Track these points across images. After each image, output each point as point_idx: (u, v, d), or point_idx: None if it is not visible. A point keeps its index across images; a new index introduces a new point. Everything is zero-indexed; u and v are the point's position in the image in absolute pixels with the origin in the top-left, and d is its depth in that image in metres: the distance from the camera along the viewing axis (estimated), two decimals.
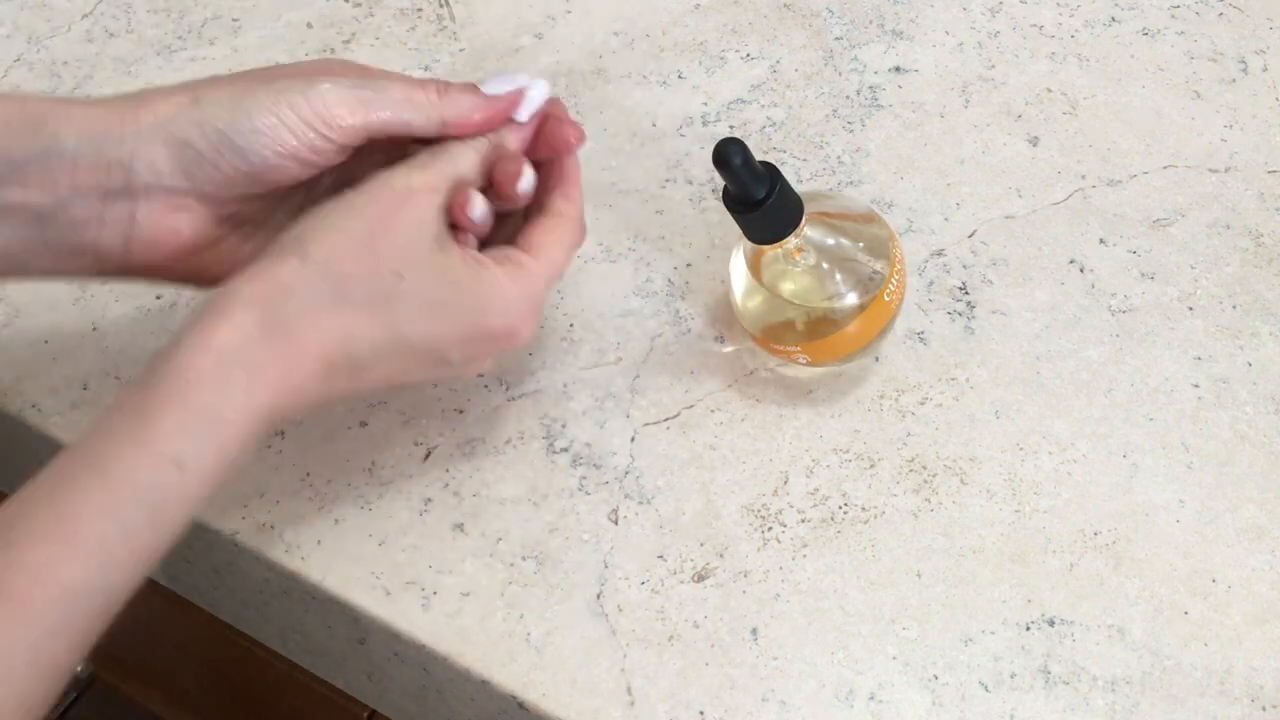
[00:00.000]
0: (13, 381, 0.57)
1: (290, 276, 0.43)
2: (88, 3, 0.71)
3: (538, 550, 0.52)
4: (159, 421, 0.40)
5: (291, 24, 0.70)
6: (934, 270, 0.60)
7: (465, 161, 0.47)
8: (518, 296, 0.46)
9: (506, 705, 0.50)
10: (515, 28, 0.70)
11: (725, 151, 0.48)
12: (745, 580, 0.51)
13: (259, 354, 0.42)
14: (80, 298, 0.59)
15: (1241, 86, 0.67)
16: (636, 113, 0.66)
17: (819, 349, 0.53)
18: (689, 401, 0.56)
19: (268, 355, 0.42)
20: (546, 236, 0.48)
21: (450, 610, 0.51)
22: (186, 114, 0.45)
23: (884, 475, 0.54)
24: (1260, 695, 0.49)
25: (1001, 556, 0.52)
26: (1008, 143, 0.64)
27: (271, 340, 0.42)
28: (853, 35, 0.69)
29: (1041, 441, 0.55)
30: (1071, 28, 0.69)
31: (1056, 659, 0.49)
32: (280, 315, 0.42)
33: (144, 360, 0.57)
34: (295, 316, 0.43)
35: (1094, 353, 0.57)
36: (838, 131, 0.65)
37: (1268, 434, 0.55)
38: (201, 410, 0.40)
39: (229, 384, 0.41)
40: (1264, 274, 0.60)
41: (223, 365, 0.41)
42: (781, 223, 0.51)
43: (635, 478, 0.54)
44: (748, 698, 0.48)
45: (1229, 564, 0.52)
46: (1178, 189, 0.63)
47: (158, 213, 0.46)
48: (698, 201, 0.62)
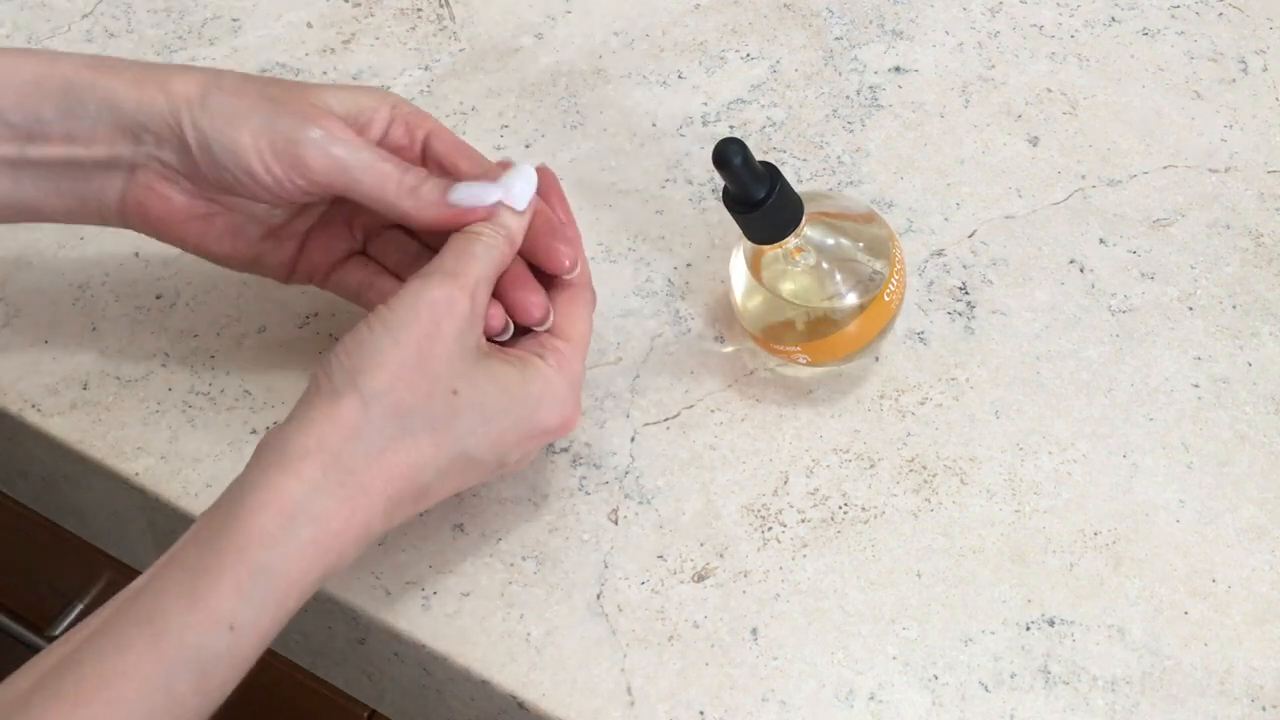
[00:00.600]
0: (13, 381, 0.57)
1: (353, 419, 0.42)
2: (88, 3, 0.71)
3: (538, 550, 0.52)
4: (216, 583, 0.39)
5: (292, 24, 0.70)
6: (934, 270, 0.60)
7: (488, 263, 0.46)
8: (565, 386, 0.47)
9: (506, 705, 0.50)
10: (515, 28, 0.70)
11: (725, 151, 0.48)
12: (745, 580, 0.51)
13: (326, 506, 0.41)
14: (80, 298, 0.59)
15: (1241, 86, 0.67)
16: (636, 113, 0.66)
17: (819, 349, 0.53)
18: (689, 401, 0.56)
19: (335, 506, 0.41)
20: (572, 312, 0.48)
21: (450, 610, 0.51)
22: (188, 107, 0.47)
23: (884, 475, 0.54)
24: (1260, 695, 0.49)
25: (1001, 556, 0.52)
26: (1008, 143, 0.64)
27: (340, 490, 0.41)
28: (853, 35, 0.69)
29: (1041, 441, 0.55)
30: (1071, 28, 0.69)
31: (1056, 659, 0.49)
32: (347, 463, 0.41)
33: (143, 360, 0.57)
34: (363, 462, 0.42)
35: (1094, 353, 0.57)
36: (838, 131, 0.65)
37: (1268, 434, 0.55)
38: (262, 570, 0.39)
39: (293, 541, 0.40)
40: (1264, 274, 0.60)
41: (288, 522, 0.40)
42: (781, 223, 0.51)
43: (635, 478, 0.54)
44: (748, 698, 0.48)
45: (1229, 564, 0.52)
46: (1178, 189, 0.63)
47: (152, 179, 0.48)
48: (698, 201, 0.62)
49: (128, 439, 0.55)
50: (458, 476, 0.45)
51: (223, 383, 0.56)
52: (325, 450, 0.41)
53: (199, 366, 0.57)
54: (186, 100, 0.47)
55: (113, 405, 0.56)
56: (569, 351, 0.47)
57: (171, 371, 0.57)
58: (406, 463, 0.43)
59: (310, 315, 0.58)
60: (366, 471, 0.42)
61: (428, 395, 0.43)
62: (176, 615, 0.38)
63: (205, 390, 0.56)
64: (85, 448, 0.55)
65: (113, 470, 0.54)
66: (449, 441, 0.44)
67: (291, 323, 0.58)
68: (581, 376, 0.48)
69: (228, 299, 0.59)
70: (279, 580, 0.40)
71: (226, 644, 0.39)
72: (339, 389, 0.42)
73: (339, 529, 0.41)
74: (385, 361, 0.42)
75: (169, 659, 0.38)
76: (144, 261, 0.60)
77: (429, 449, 0.43)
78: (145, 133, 0.47)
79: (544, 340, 0.47)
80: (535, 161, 0.49)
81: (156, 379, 0.56)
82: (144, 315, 0.59)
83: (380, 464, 0.42)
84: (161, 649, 0.38)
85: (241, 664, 0.40)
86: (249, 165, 0.47)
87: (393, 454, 0.42)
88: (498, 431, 0.45)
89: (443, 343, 0.43)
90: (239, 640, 0.39)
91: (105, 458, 0.54)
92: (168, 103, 0.47)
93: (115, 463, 0.54)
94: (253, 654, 0.40)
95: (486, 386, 0.44)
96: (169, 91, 0.47)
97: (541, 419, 0.46)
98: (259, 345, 0.57)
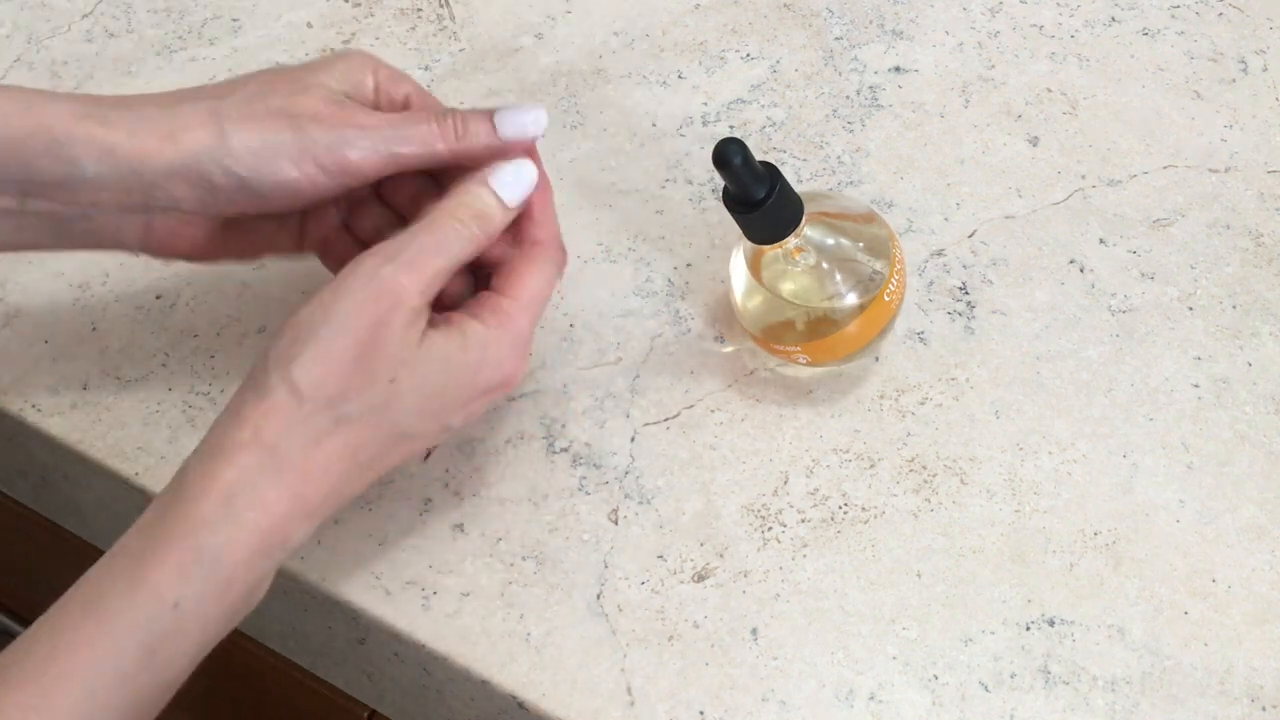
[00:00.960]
0: (13, 381, 0.57)
1: (288, 412, 0.42)
2: (88, 3, 0.71)
3: (538, 550, 0.52)
4: (159, 565, 0.40)
5: (292, 24, 0.70)
6: (934, 270, 0.60)
7: (456, 254, 0.45)
8: (505, 345, 0.46)
9: (506, 705, 0.50)
10: (515, 28, 0.70)
11: (725, 151, 0.48)
12: (745, 580, 0.51)
13: (265, 493, 0.41)
14: (80, 298, 0.59)
15: (1241, 86, 0.67)
16: (636, 113, 0.66)
17: (819, 349, 0.53)
18: (689, 401, 0.56)
19: (275, 494, 0.42)
20: (524, 269, 0.47)
21: (450, 610, 0.51)
22: (210, 152, 0.46)
23: (884, 475, 0.54)
24: (1260, 695, 0.49)
25: (1001, 556, 0.52)
26: (1008, 143, 0.64)
27: (278, 478, 0.42)
28: (853, 35, 0.69)
29: (1041, 441, 0.55)
30: (1071, 28, 0.69)
31: (1056, 659, 0.49)
32: (284, 455, 0.42)
33: (143, 360, 0.57)
34: (300, 453, 0.42)
35: (1094, 353, 0.57)
36: (838, 131, 0.65)
37: (1268, 434, 0.55)
38: (202, 551, 0.40)
39: (233, 525, 0.41)
40: (1264, 274, 0.60)
41: (227, 508, 0.41)
42: (781, 223, 0.51)
43: (635, 478, 0.54)
44: (748, 698, 0.48)
45: (1229, 564, 0.52)
46: (1178, 189, 0.63)
47: (172, 224, 0.48)
48: (698, 201, 0.62)
49: (128, 439, 0.55)
50: (401, 449, 0.45)
51: (223, 383, 0.56)
52: (261, 443, 0.42)
53: (199, 366, 0.57)
54: (205, 149, 0.46)
55: (113, 405, 0.56)
56: (513, 308, 0.46)
57: (171, 371, 0.57)
58: (345, 448, 0.43)
59: None
60: (305, 461, 0.42)
61: (363, 387, 0.43)
62: (121, 596, 0.40)
63: (205, 390, 0.56)
64: (85, 448, 0.55)
65: (113, 470, 0.54)
66: (387, 424, 0.44)
67: None
68: (527, 332, 0.47)
69: (228, 299, 0.59)
70: (221, 562, 0.41)
71: (171, 621, 0.40)
72: (273, 383, 0.42)
73: (281, 514, 0.42)
74: (325, 353, 0.43)
75: (114, 635, 0.39)
76: (144, 261, 0.60)
77: (366, 433, 0.43)
78: (157, 187, 0.46)
79: (484, 300, 0.47)
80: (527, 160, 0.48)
81: (156, 379, 0.57)
82: (144, 315, 0.59)
83: (318, 452, 0.43)
84: (106, 626, 0.39)
85: (189, 647, 0.41)
86: (296, 188, 0.47)
87: (330, 443, 0.43)
88: (438, 405, 0.45)
89: (387, 339, 0.43)
90: (184, 619, 0.40)
91: (105, 458, 0.54)
92: (181, 156, 0.46)
93: (115, 463, 0.54)
94: (200, 637, 0.41)
95: (423, 369, 0.44)
96: (178, 144, 0.46)
97: (481, 380, 0.46)
98: (259, 345, 0.57)
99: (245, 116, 0.46)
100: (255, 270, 0.59)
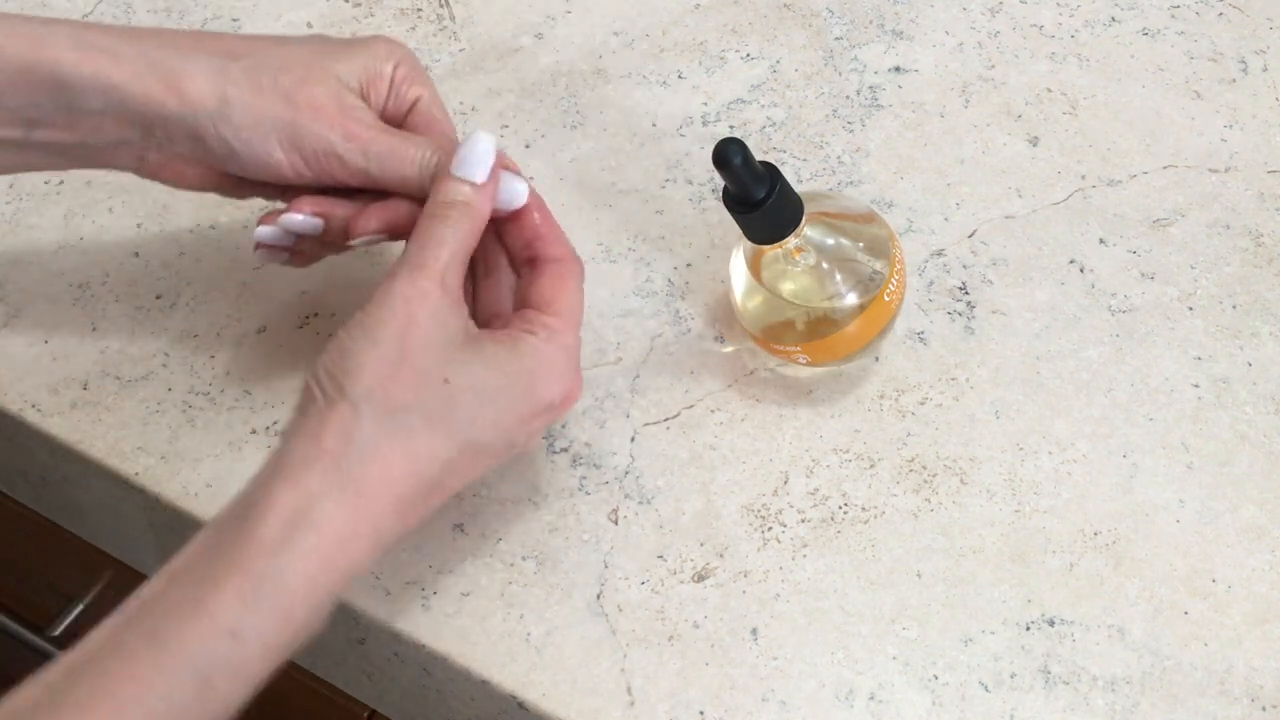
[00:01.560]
0: (13, 381, 0.57)
1: (345, 423, 0.41)
2: (88, 3, 0.71)
3: (538, 550, 0.52)
4: (218, 590, 0.39)
5: (292, 24, 0.70)
6: (934, 270, 0.60)
7: (454, 245, 0.45)
8: (560, 358, 0.46)
9: (506, 705, 0.50)
10: (515, 28, 0.70)
11: (725, 151, 0.48)
12: (745, 580, 0.51)
13: (327, 512, 0.40)
14: (80, 298, 0.59)
15: (1241, 86, 0.67)
16: (636, 113, 0.66)
17: (819, 349, 0.53)
18: (689, 401, 0.56)
19: (336, 512, 0.41)
20: (559, 286, 0.47)
21: (450, 610, 0.51)
22: (209, 114, 0.46)
23: (884, 475, 0.54)
24: (1260, 695, 0.49)
25: (1001, 556, 0.52)
26: (1008, 143, 0.64)
27: (340, 495, 0.41)
28: (853, 35, 0.69)
29: (1041, 441, 0.55)
30: (1071, 28, 0.69)
31: (1056, 659, 0.49)
32: (345, 469, 0.41)
33: (143, 360, 0.57)
34: (360, 466, 0.41)
35: (1094, 353, 0.57)
36: (838, 131, 0.65)
37: (1268, 434, 0.55)
38: (264, 578, 0.39)
39: (295, 549, 0.40)
40: (1264, 274, 0.60)
41: (290, 530, 0.40)
42: (781, 223, 0.51)
43: (635, 478, 0.54)
44: (748, 698, 0.49)
45: (1229, 564, 0.52)
46: (1178, 189, 0.63)
47: (166, 159, 0.49)
48: (698, 201, 0.62)
49: (128, 439, 0.55)
50: (467, 465, 0.44)
51: (223, 383, 0.56)
52: (323, 458, 0.41)
53: (199, 366, 0.57)
54: (204, 108, 0.46)
55: (113, 405, 0.56)
56: (559, 325, 0.46)
57: (171, 371, 0.57)
58: (408, 459, 0.42)
59: (310, 315, 0.58)
60: (365, 474, 0.41)
61: (416, 389, 0.43)
62: (178, 623, 0.38)
63: (205, 390, 0.56)
64: (85, 448, 0.55)
65: (113, 470, 0.54)
66: (449, 431, 0.43)
67: (291, 323, 0.58)
68: (577, 348, 0.47)
69: (228, 299, 0.59)
70: (283, 589, 0.39)
71: (228, 651, 0.38)
72: (330, 397, 0.42)
73: (344, 535, 0.41)
74: (366, 363, 0.42)
75: (170, 666, 0.38)
76: (144, 261, 0.60)
77: (428, 442, 0.43)
78: (155, 129, 0.47)
79: (530, 317, 0.47)
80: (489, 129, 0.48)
81: (156, 379, 0.57)
82: (144, 315, 0.59)
83: (379, 464, 0.42)
84: (162, 656, 0.38)
85: (248, 675, 0.39)
86: (279, 170, 0.48)
87: (390, 453, 0.42)
88: (497, 412, 0.44)
89: (421, 334, 0.43)
90: (242, 649, 0.39)
91: (105, 458, 0.54)
92: (182, 107, 0.46)
93: (115, 463, 0.54)
94: (260, 665, 0.40)
95: (478, 369, 0.44)
96: (181, 94, 0.46)
97: (541, 393, 0.45)
98: (259, 345, 0.57)
99: (250, 87, 0.47)
100: (255, 270, 0.59)
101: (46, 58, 0.46)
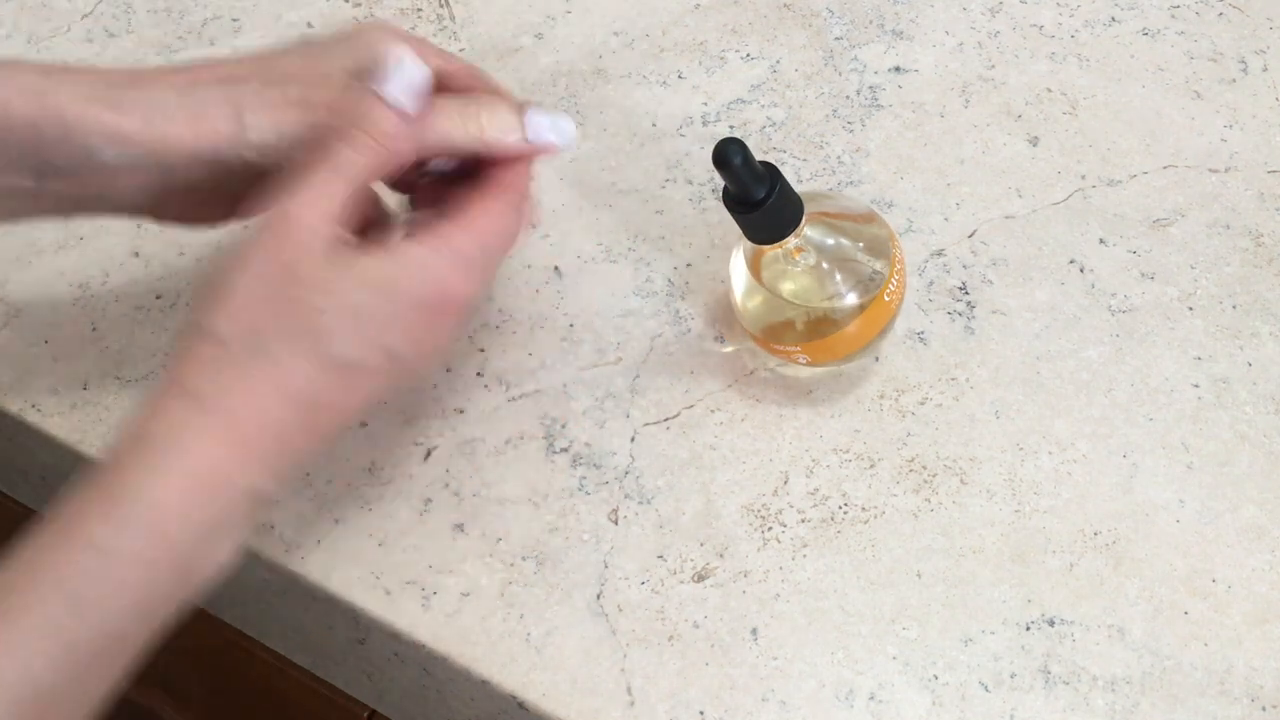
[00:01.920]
0: (13, 381, 0.57)
1: (202, 355, 0.42)
2: (88, 3, 0.71)
3: (538, 550, 0.52)
4: (82, 513, 0.40)
5: (292, 24, 0.70)
6: (934, 270, 0.60)
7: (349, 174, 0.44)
8: (444, 263, 0.44)
9: (506, 705, 0.50)
10: (515, 28, 0.70)
11: (725, 151, 0.48)
12: (745, 580, 0.51)
13: (196, 442, 0.41)
14: (80, 298, 0.59)
15: (1241, 86, 0.67)
16: (636, 113, 0.66)
17: (819, 349, 0.53)
18: (689, 401, 0.56)
19: (202, 434, 0.41)
20: (475, 200, 0.46)
21: (450, 610, 0.51)
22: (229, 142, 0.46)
23: (884, 475, 0.54)
24: (1260, 695, 0.49)
25: (1001, 556, 0.52)
26: (1008, 143, 0.64)
27: (204, 419, 0.41)
28: (853, 35, 0.69)
29: (1041, 441, 0.55)
30: (1071, 28, 0.69)
31: (1056, 659, 0.49)
32: (209, 399, 0.41)
33: (144, 360, 0.57)
34: (224, 395, 0.41)
35: (1094, 353, 0.57)
36: (838, 131, 0.65)
37: (1268, 434, 0.55)
38: (125, 494, 0.40)
39: (160, 472, 0.40)
40: (1264, 274, 0.60)
41: (153, 453, 0.40)
42: (781, 223, 0.51)
43: (635, 478, 0.54)
44: (748, 698, 0.49)
45: (1229, 564, 0.52)
46: (1178, 189, 0.63)
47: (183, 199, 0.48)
48: (698, 201, 0.62)
49: None
50: (343, 384, 0.43)
51: None
52: (183, 391, 0.41)
53: None
54: (223, 139, 0.46)
55: (113, 405, 0.56)
56: (451, 230, 0.45)
57: None
58: (273, 385, 0.42)
59: None
60: (231, 400, 0.41)
61: (277, 314, 0.42)
62: (49, 550, 0.39)
63: None
64: (85, 448, 0.55)
65: None
66: (314, 350, 0.42)
67: None
68: (471, 252, 0.45)
69: None
70: (152, 506, 0.40)
71: (97, 565, 0.39)
72: (190, 333, 0.42)
73: (215, 456, 0.41)
74: (235, 293, 0.42)
75: (42, 586, 0.38)
76: (144, 261, 0.60)
77: (294, 364, 0.42)
78: (175, 171, 0.46)
79: (423, 220, 0.46)
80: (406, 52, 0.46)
81: (156, 379, 0.56)
82: (144, 315, 0.59)
83: (244, 394, 0.42)
84: (35, 577, 0.39)
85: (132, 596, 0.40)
86: None
87: (256, 379, 0.42)
88: (369, 324, 0.43)
89: (301, 265, 0.42)
90: (114, 564, 0.39)
91: None
92: (199, 145, 0.46)
93: None
94: (148, 588, 0.40)
95: (345, 285, 0.43)
96: (197, 133, 0.45)
97: (414, 294, 0.44)
98: None
99: (264, 106, 0.46)
100: None
101: (51, 107, 0.45)
